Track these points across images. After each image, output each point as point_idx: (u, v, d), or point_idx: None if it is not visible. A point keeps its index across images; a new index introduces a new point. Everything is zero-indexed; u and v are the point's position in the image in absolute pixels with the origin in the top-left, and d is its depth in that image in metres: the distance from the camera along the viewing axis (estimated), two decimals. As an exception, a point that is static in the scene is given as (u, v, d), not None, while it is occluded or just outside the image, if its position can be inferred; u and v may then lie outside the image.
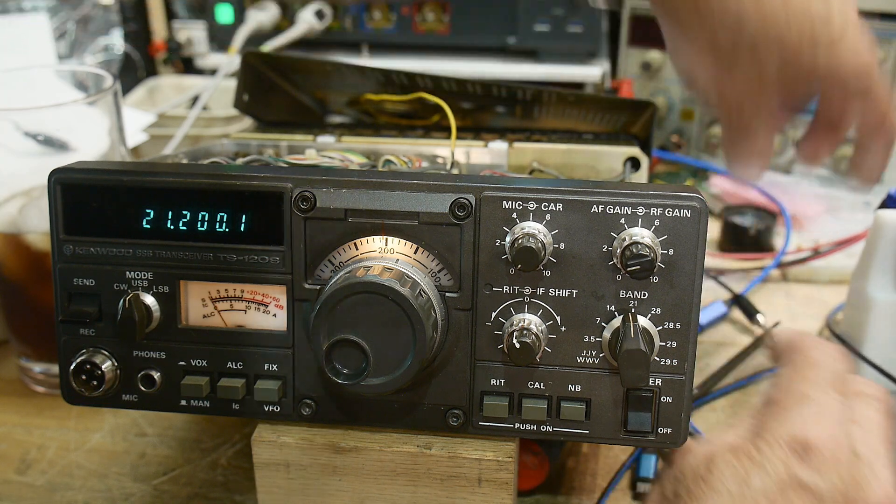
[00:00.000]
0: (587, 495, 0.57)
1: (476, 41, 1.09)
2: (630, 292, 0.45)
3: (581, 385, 0.47)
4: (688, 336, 0.45)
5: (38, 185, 0.63)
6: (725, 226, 0.91)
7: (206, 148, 0.65)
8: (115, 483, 0.59)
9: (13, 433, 0.64)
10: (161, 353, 0.49)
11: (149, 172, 0.47)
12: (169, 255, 0.48)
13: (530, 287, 0.46)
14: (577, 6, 1.05)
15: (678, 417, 0.47)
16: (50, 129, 0.64)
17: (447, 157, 0.63)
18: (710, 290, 0.81)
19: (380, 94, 0.75)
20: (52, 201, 0.48)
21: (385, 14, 1.08)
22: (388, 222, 0.46)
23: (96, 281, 0.48)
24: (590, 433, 0.47)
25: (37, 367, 0.68)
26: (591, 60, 1.09)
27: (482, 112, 0.78)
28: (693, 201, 0.44)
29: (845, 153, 0.98)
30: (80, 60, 1.09)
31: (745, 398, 0.68)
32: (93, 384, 0.49)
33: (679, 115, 1.09)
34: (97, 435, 0.63)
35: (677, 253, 0.44)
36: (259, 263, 0.47)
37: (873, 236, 0.66)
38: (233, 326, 0.49)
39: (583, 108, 0.72)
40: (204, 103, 0.98)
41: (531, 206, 0.44)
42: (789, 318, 0.79)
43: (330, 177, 0.46)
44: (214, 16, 1.11)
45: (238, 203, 0.47)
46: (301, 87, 0.80)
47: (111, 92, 0.64)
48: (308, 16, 1.07)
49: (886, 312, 0.65)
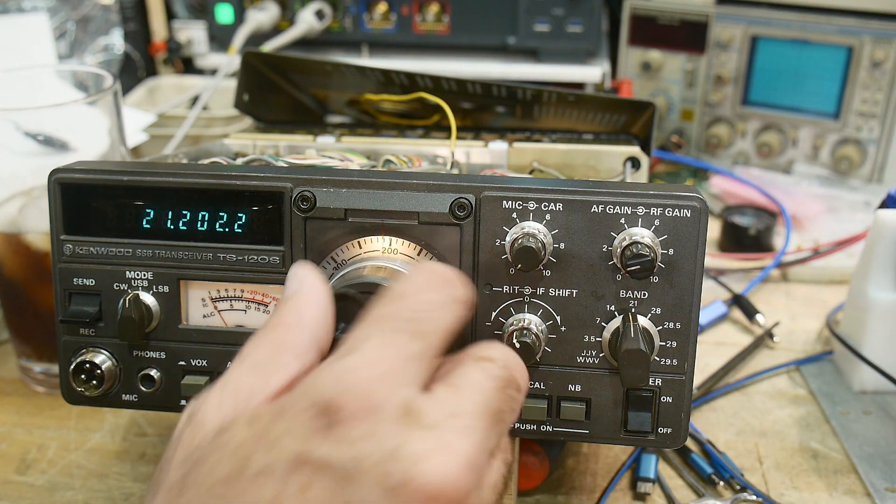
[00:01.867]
0: (587, 495, 0.57)
1: (476, 41, 1.09)
2: (630, 292, 0.45)
3: (581, 385, 0.47)
4: (688, 336, 0.45)
5: (38, 185, 0.63)
6: (725, 226, 0.91)
7: (206, 148, 0.65)
8: (115, 483, 0.59)
9: (13, 433, 0.64)
10: (161, 353, 0.49)
11: (149, 172, 0.47)
12: (169, 255, 0.48)
13: (530, 287, 0.46)
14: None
15: (678, 417, 0.47)
16: (50, 129, 0.64)
17: (447, 157, 0.63)
18: (710, 290, 0.81)
19: (380, 94, 0.75)
20: (52, 201, 0.48)
21: (385, 14, 1.08)
22: (388, 222, 0.46)
23: (96, 281, 0.48)
24: (590, 433, 0.47)
25: (37, 367, 0.68)
26: (591, 60, 1.09)
27: (482, 112, 0.78)
28: (693, 201, 0.44)
29: (845, 153, 0.99)
30: (80, 60, 1.09)
31: (745, 398, 0.68)
32: (93, 384, 0.49)
33: (679, 115, 1.09)
34: (97, 435, 0.63)
35: (677, 253, 0.44)
36: (259, 263, 0.47)
37: (873, 236, 0.66)
38: (233, 326, 0.49)
39: (583, 108, 0.72)
40: (204, 103, 0.98)
41: (531, 205, 0.44)
42: (789, 318, 0.79)
43: (330, 177, 0.46)
44: (214, 16, 1.11)
45: (238, 203, 0.47)
46: (301, 87, 0.80)
47: (111, 92, 0.64)
48: (308, 16, 1.07)
49: (886, 312, 0.65)
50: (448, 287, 0.37)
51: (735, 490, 0.57)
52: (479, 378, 0.36)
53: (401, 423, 0.31)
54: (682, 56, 1.06)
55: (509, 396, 0.37)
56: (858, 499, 0.57)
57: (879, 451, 0.61)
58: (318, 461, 0.30)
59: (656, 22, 1.06)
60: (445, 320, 0.36)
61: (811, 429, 0.64)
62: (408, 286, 0.37)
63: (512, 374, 0.38)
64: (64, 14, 1.08)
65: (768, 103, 1.03)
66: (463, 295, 0.38)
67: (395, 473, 0.30)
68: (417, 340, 0.35)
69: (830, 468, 0.60)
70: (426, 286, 0.37)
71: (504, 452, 0.39)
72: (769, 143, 1.03)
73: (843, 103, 0.98)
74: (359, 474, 0.30)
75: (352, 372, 0.33)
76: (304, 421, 0.32)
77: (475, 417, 0.33)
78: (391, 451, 0.31)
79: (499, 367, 0.37)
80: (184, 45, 1.14)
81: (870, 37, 0.94)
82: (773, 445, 0.62)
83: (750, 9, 1.01)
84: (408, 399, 0.32)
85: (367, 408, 0.31)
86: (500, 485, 0.38)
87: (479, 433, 0.33)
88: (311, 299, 0.39)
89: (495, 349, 0.38)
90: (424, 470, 0.30)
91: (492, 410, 0.35)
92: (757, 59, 1.02)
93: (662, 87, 1.08)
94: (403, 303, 0.36)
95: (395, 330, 0.35)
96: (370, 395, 0.32)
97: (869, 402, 0.67)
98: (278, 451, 0.31)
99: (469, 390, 0.35)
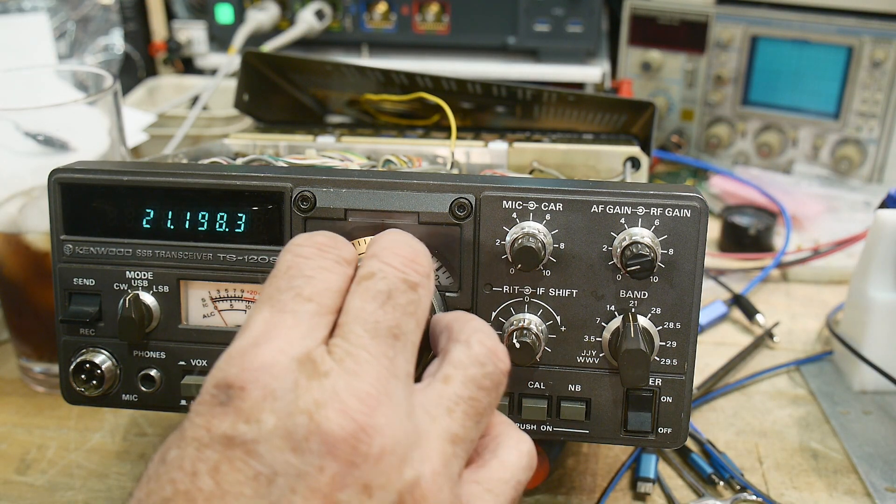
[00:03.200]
0: (587, 495, 0.57)
1: (476, 41, 1.08)
2: (630, 292, 0.45)
3: (581, 385, 0.47)
4: (688, 336, 0.45)
5: (38, 185, 0.63)
6: (725, 226, 0.91)
7: (206, 148, 0.65)
8: (115, 483, 0.59)
9: (13, 433, 0.64)
10: (161, 353, 0.49)
11: (149, 172, 0.47)
12: (169, 255, 0.48)
13: (530, 287, 0.46)
14: None
15: (678, 417, 0.47)
16: (50, 129, 0.64)
17: (447, 157, 0.63)
18: (710, 290, 0.81)
19: (380, 94, 0.75)
20: (52, 201, 0.48)
21: (385, 14, 1.08)
22: (388, 222, 0.46)
23: (96, 281, 0.48)
24: (590, 433, 0.47)
25: (37, 367, 0.68)
26: (591, 60, 1.09)
27: (482, 112, 0.78)
28: (693, 201, 0.44)
29: (845, 153, 0.99)
30: (80, 60, 1.09)
31: (745, 398, 0.68)
32: (93, 384, 0.49)
33: (679, 115, 1.09)
34: (97, 435, 0.63)
35: (677, 253, 0.44)
36: (259, 263, 0.47)
37: (873, 236, 0.66)
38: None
39: (583, 108, 0.72)
40: (204, 103, 0.98)
41: (531, 205, 0.44)
42: (789, 318, 0.79)
43: (330, 177, 0.46)
44: (214, 16, 1.11)
45: (238, 203, 0.47)
46: (301, 87, 0.80)
47: (111, 92, 0.64)
48: (308, 16, 1.07)
49: (886, 312, 0.65)
50: (328, 251, 0.37)
51: (735, 490, 0.57)
52: (358, 303, 0.34)
53: (296, 379, 0.31)
54: (682, 56, 1.06)
55: (398, 304, 0.35)
56: (858, 499, 0.57)
57: (879, 451, 0.61)
58: (221, 438, 0.30)
59: (656, 22, 1.06)
60: (328, 280, 0.35)
61: (811, 429, 0.64)
62: (285, 258, 0.36)
63: (398, 277, 0.36)
64: (64, 14, 1.08)
65: (768, 103, 1.03)
66: (346, 254, 0.37)
67: (298, 428, 0.30)
68: (301, 302, 0.34)
69: (830, 468, 0.60)
70: (305, 255, 0.36)
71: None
72: (769, 143, 1.03)
73: (843, 103, 0.98)
74: (263, 440, 0.30)
75: (241, 347, 0.32)
76: (204, 407, 0.31)
77: (365, 348, 0.32)
78: (288, 408, 0.30)
79: (379, 279, 0.35)
80: (184, 45, 1.14)
81: (870, 37, 0.94)
82: (773, 445, 0.62)
83: (750, 9, 1.01)
84: (300, 354, 0.32)
85: (259, 375, 0.31)
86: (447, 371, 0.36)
87: (374, 363, 0.32)
88: None
89: (372, 256, 0.37)
90: (326, 416, 0.30)
91: (382, 330, 0.34)
92: (757, 59, 1.02)
93: (662, 87, 1.08)
94: (284, 275, 0.35)
95: (277, 300, 0.34)
96: (260, 362, 0.31)
97: (869, 402, 0.67)
98: (185, 441, 0.31)
99: (353, 320, 0.34)
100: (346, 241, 0.38)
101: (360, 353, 0.33)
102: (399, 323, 0.35)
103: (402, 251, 0.37)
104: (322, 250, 0.37)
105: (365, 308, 0.34)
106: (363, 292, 0.35)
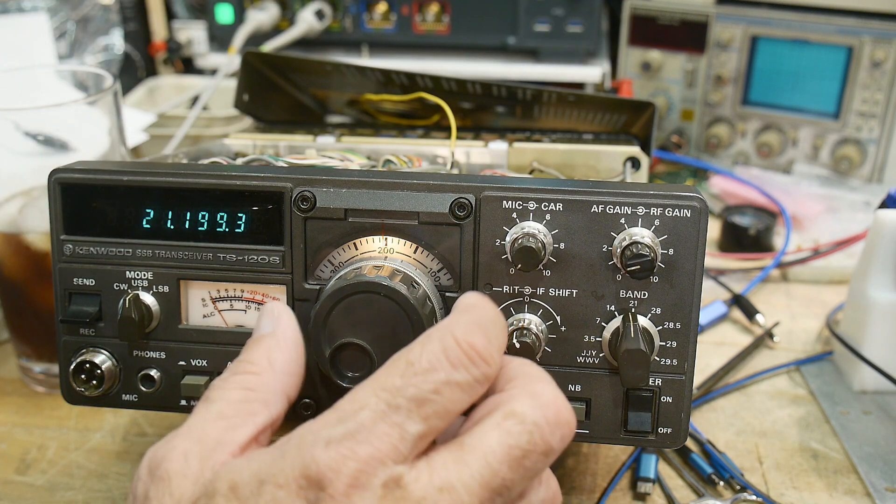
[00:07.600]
0: (587, 495, 0.57)
1: (476, 41, 1.09)
2: (630, 292, 0.45)
3: (581, 385, 0.47)
4: (688, 336, 0.45)
5: (38, 185, 0.63)
6: (725, 226, 0.91)
7: (206, 148, 0.65)
8: (115, 483, 0.59)
9: (13, 433, 0.64)
10: (161, 353, 0.49)
11: (149, 172, 0.47)
12: (169, 255, 0.48)
13: (530, 287, 0.46)
14: None
15: (678, 417, 0.47)
16: (50, 129, 0.64)
17: (447, 157, 0.63)
18: (710, 290, 0.81)
19: (380, 94, 0.75)
20: (52, 201, 0.48)
21: (385, 14, 1.08)
22: (388, 222, 0.46)
23: (96, 281, 0.48)
24: (590, 433, 0.47)
25: (37, 366, 0.68)
26: (591, 60, 1.09)
27: (482, 112, 0.78)
28: (693, 201, 0.44)
29: (845, 153, 0.99)
30: (80, 60, 1.09)
31: (745, 398, 0.68)
32: (93, 384, 0.49)
33: (679, 115, 1.09)
34: (97, 435, 0.63)
35: (677, 253, 0.44)
36: (259, 263, 0.47)
37: (873, 236, 0.66)
38: (233, 326, 0.49)
39: (583, 108, 0.72)
40: (204, 103, 0.98)
41: (531, 205, 0.44)
42: (789, 318, 0.79)
43: (330, 177, 0.46)
44: (214, 16, 1.11)
45: (238, 203, 0.47)
46: (301, 87, 0.80)
47: (111, 92, 0.64)
48: (308, 16, 1.07)
49: (886, 312, 0.65)
50: (468, 367, 0.33)
51: (735, 490, 0.57)
52: (494, 443, 0.31)
53: (385, 501, 0.30)
54: (682, 56, 1.06)
55: (525, 467, 0.32)
56: (858, 499, 0.57)
57: (879, 451, 0.61)
58: None
59: (656, 22, 1.06)
60: (455, 404, 0.32)
61: (811, 429, 0.64)
62: (423, 357, 0.33)
63: (541, 438, 0.32)
64: (64, 14, 1.08)
65: (768, 103, 1.03)
66: (483, 375, 0.33)
67: None
68: (417, 422, 0.31)
69: (830, 468, 0.60)
70: (442, 361, 0.33)
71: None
72: (769, 143, 1.03)
73: (843, 103, 0.98)
74: None
75: (341, 445, 0.30)
76: (289, 495, 0.30)
77: (468, 493, 0.30)
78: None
79: (525, 431, 0.32)
80: (184, 45, 1.14)
81: (870, 37, 0.94)
82: (773, 445, 0.62)
83: (750, 9, 1.01)
84: (396, 475, 0.30)
85: (354, 485, 0.30)
86: None
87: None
88: (284, 343, 0.38)
89: (535, 400, 0.33)
90: None
91: (495, 485, 0.31)
92: (757, 59, 1.02)
93: (662, 87, 1.08)
94: (412, 378, 0.32)
95: (394, 407, 0.31)
96: (358, 472, 0.30)
97: (869, 402, 0.67)
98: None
99: (475, 457, 0.31)
100: (495, 350, 0.34)
101: (461, 496, 0.31)
102: (515, 482, 0.32)
103: (560, 416, 0.33)
104: (467, 364, 0.33)
105: (496, 451, 0.32)
106: (503, 434, 0.32)
